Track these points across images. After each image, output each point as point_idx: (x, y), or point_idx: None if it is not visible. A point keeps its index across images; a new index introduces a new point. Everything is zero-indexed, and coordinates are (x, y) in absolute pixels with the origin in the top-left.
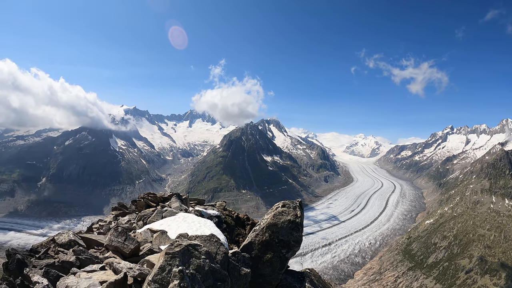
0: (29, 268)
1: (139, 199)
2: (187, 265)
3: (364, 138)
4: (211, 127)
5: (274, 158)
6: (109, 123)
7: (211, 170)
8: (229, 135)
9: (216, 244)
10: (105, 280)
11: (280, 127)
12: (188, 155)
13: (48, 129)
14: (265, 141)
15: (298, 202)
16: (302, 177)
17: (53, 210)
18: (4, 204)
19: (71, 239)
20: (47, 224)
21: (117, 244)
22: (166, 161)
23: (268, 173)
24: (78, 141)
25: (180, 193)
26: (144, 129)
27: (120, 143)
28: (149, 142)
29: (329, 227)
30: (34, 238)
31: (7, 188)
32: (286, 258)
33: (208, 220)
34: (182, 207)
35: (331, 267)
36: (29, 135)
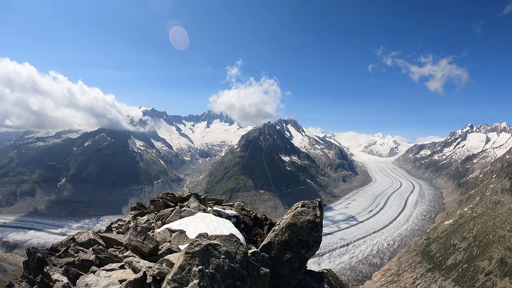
0: (49, 267)
1: (158, 199)
2: (207, 264)
3: (382, 137)
4: (229, 127)
5: (292, 158)
6: (127, 124)
7: (229, 170)
8: (247, 135)
9: (235, 244)
10: (125, 278)
11: (298, 127)
12: (206, 155)
13: (67, 130)
14: (283, 141)
15: (318, 202)
16: (320, 177)
17: (73, 209)
18: (24, 204)
19: (91, 238)
20: (67, 224)
21: (136, 243)
22: (184, 161)
23: (286, 173)
24: (97, 142)
25: (198, 193)
26: (162, 130)
27: (139, 144)
28: (167, 142)
29: (347, 228)
30: (53, 237)
31: (28, 189)
32: (305, 258)
33: (226, 220)
34: (200, 207)
35: (348, 267)
36: (49, 137)
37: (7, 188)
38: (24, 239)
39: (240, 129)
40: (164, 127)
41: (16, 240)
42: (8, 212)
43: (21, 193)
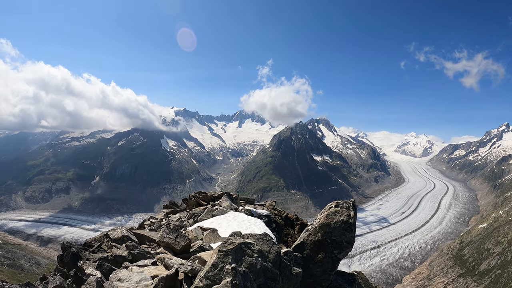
0: (83, 261)
1: (190, 197)
2: (240, 263)
3: (415, 137)
4: (260, 127)
5: (324, 158)
6: (160, 124)
7: (260, 170)
8: (279, 135)
9: (269, 243)
10: (157, 275)
11: (330, 126)
12: (238, 155)
13: (101, 130)
14: (314, 141)
15: (352, 202)
16: (352, 177)
17: (106, 207)
18: (59, 200)
19: (124, 234)
20: (100, 220)
21: (169, 240)
22: (216, 161)
23: (318, 173)
24: (131, 141)
25: (230, 192)
26: (194, 130)
27: (171, 143)
28: (199, 142)
29: (378, 229)
30: (86, 233)
31: (63, 186)
32: (338, 259)
33: (258, 219)
34: (232, 206)
35: (379, 270)
36: (84, 137)
37: (43, 186)
38: (58, 234)
39: (271, 129)
40: (196, 127)
41: (50, 235)
42: (43, 209)
43: (56, 190)
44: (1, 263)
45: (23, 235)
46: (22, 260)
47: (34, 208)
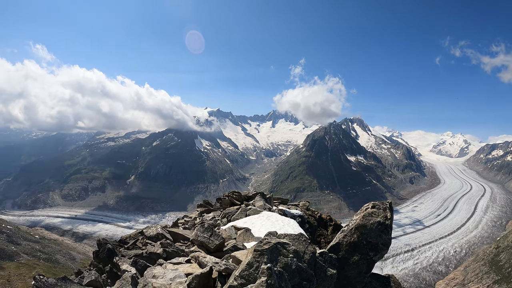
0: (118, 257)
1: (224, 197)
2: (275, 262)
3: (452, 136)
4: (294, 127)
5: (358, 158)
6: (194, 124)
7: (294, 170)
8: (312, 134)
9: (304, 243)
10: (191, 272)
11: (364, 126)
12: (271, 155)
13: (136, 131)
14: (348, 141)
15: (388, 203)
16: (386, 178)
17: (140, 205)
18: (95, 198)
19: (159, 232)
20: (134, 218)
21: (203, 239)
22: (249, 160)
23: (352, 174)
24: (165, 142)
25: (263, 192)
26: (228, 130)
27: (205, 143)
28: (233, 142)
29: (412, 232)
30: (120, 230)
31: (99, 185)
32: (373, 261)
33: (291, 220)
34: (266, 206)
35: (412, 274)
36: (119, 137)
37: (80, 184)
38: (93, 231)
39: (305, 129)
40: (230, 127)
41: (85, 231)
42: (79, 206)
43: (93, 188)
44: (37, 257)
45: (59, 231)
46: (57, 254)
47: (71, 205)
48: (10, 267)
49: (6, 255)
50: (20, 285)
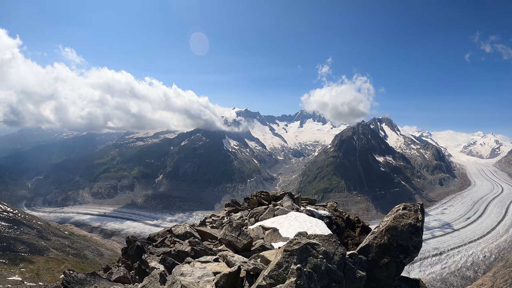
0: (147, 254)
1: (252, 197)
2: (304, 263)
3: (483, 136)
4: (322, 127)
5: (386, 159)
6: (222, 124)
7: (322, 170)
8: (340, 134)
9: (334, 244)
10: (219, 271)
11: (393, 125)
12: (299, 155)
13: (165, 131)
14: (377, 141)
15: (420, 205)
16: (415, 179)
17: (168, 204)
18: (124, 196)
19: (187, 231)
20: (161, 216)
21: (231, 238)
22: (277, 160)
23: (380, 174)
24: (193, 142)
25: (291, 192)
26: (255, 130)
27: (233, 143)
28: (260, 142)
29: (441, 235)
30: (148, 228)
31: (128, 183)
32: (403, 264)
33: (319, 220)
34: (293, 206)
35: (439, 279)
36: (148, 137)
37: (109, 182)
38: (121, 228)
39: (333, 129)
40: (258, 127)
41: (113, 228)
42: (108, 204)
43: (121, 187)
44: (66, 252)
45: (88, 227)
46: (86, 250)
47: (100, 203)
48: (40, 261)
49: (36, 250)
50: (48, 278)
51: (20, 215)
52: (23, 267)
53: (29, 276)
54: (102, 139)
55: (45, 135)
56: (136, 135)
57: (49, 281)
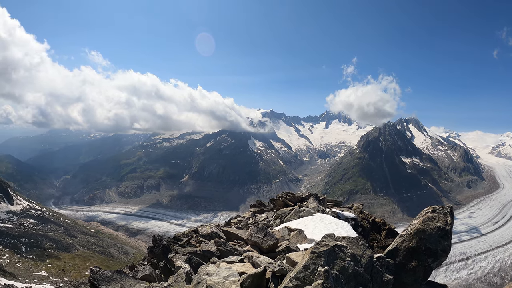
0: (173, 254)
1: (277, 198)
2: (332, 265)
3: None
4: (347, 127)
5: (413, 160)
6: (247, 126)
7: (347, 172)
8: (366, 135)
9: (362, 247)
10: (244, 272)
11: (420, 126)
12: (324, 156)
13: (191, 132)
14: (403, 142)
15: (449, 208)
16: (442, 181)
17: (193, 204)
18: (150, 196)
19: (213, 231)
20: (186, 216)
21: (256, 239)
22: (303, 162)
23: (406, 176)
24: (219, 143)
25: (317, 193)
26: (281, 131)
27: (258, 144)
28: (286, 143)
29: (468, 240)
30: (173, 227)
31: (154, 183)
32: (431, 268)
33: (345, 222)
34: (319, 207)
35: (465, 285)
36: (174, 138)
37: (135, 182)
38: (146, 227)
39: (359, 130)
40: (283, 128)
41: (139, 227)
42: (134, 203)
43: (148, 187)
44: (92, 250)
45: (114, 226)
46: (111, 248)
47: (126, 202)
48: (66, 258)
49: (63, 247)
50: (74, 275)
51: (48, 213)
52: (50, 263)
53: (55, 272)
54: (129, 140)
55: (73, 136)
56: (162, 136)
57: (74, 277)
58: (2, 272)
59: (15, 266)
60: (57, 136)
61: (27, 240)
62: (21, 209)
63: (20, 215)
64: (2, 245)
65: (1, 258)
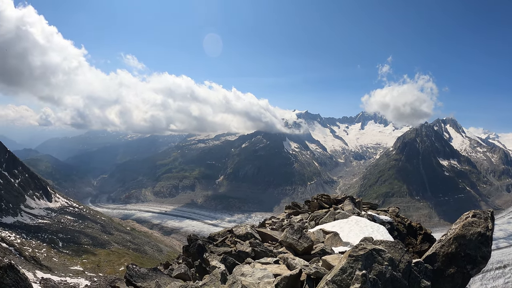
0: (208, 253)
1: (313, 199)
2: (369, 269)
3: None
4: (383, 128)
5: (450, 162)
6: (282, 127)
7: (383, 174)
8: (403, 137)
9: (400, 251)
10: (279, 273)
11: (458, 127)
12: (360, 157)
13: (226, 133)
14: (441, 143)
15: (490, 212)
16: (481, 184)
17: (228, 204)
18: (185, 196)
19: (248, 231)
20: (220, 216)
21: (292, 241)
22: (338, 163)
23: (444, 179)
24: (254, 144)
25: (352, 196)
26: (316, 132)
27: (293, 145)
28: (321, 144)
29: (506, 247)
30: (206, 227)
31: (189, 184)
32: (469, 276)
33: (381, 226)
34: (354, 210)
35: None
36: (209, 139)
37: (171, 182)
38: (180, 226)
39: (395, 131)
40: (318, 129)
41: (173, 226)
42: (169, 203)
43: (183, 187)
44: (127, 247)
45: (149, 224)
46: (146, 246)
47: (161, 201)
48: (101, 253)
49: (99, 243)
50: (108, 270)
51: (85, 210)
52: (85, 258)
53: (90, 267)
54: (165, 141)
55: (110, 137)
56: (198, 137)
57: (108, 272)
58: (38, 265)
59: (52, 260)
60: (95, 137)
61: (64, 236)
62: (59, 206)
63: (58, 212)
64: (40, 240)
65: (38, 252)
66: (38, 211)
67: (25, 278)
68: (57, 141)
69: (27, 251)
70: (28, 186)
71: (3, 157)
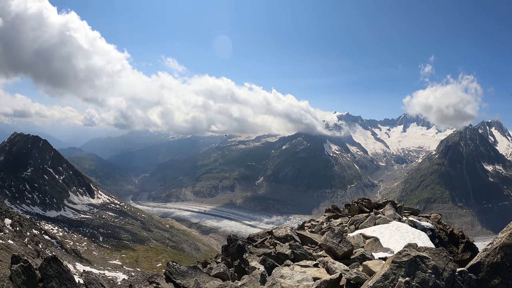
0: (247, 254)
1: (353, 203)
2: (412, 277)
3: None
4: (426, 131)
5: (495, 168)
6: (323, 129)
7: (425, 179)
8: (446, 140)
9: (445, 259)
10: (318, 277)
11: (503, 130)
12: (401, 161)
13: (266, 135)
14: (485, 147)
15: None
16: None
17: (267, 206)
18: (224, 196)
19: (288, 234)
20: (259, 218)
21: (332, 244)
22: (379, 167)
23: (488, 185)
24: (294, 146)
25: (393, 200)
26: (357, 135)
27: (334, 148)
28: (362, 147)
29: None
30: (244, 227)
31: (228, 184)
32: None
33: (422, 233)
34: (396, 215)
35: None
36: (249, 140)
37: (210, 183)
38: (218, 226)
39: (438, 133)
40: (359, 132)
41: (211, 226)
42: (208, 203)
43: (222, 187)
44: (165, 244)
45: (188, 223)
46: (184, 244)
47: (200, 201)
48: (140, 249)
49: (138, 239)
50: (146, 266)
51: (126, 207)
52: (124, 254)
53: (128, 262)
54: (206, 142)
55: (152, 137)
56: (238, 138)
57: (146, 268)
58: (78, 258)
59: (92, 253)
60: (137, 137)
61: (105, 231)
62: (101, 203)
63: (100, 208)
64: (81, 234)
65: (79, 246)
66: (80, 206)
67: (68, 270)
68: (100, 140)
69: (68, 244)
70: (72, 183)
71: (48, 154)
